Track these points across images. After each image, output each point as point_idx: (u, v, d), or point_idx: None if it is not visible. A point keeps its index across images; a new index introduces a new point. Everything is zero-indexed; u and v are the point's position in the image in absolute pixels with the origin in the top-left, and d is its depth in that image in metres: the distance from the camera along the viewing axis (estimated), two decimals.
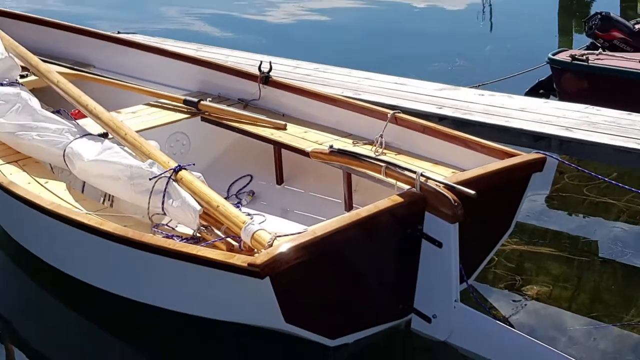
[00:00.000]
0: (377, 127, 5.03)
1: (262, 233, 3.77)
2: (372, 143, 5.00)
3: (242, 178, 5.46)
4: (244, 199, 5.35)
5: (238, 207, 4.53)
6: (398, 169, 4.10)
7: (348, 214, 3.91)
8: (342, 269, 3.81)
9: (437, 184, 3.90)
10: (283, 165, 5.45)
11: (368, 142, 5.04)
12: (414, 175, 3.95)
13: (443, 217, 3.85)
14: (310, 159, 4.86)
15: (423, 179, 3.92)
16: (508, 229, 4.50)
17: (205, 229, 4.12)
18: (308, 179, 5.35)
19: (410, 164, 4.36)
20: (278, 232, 3.82)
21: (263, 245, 3.69)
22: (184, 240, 4.01)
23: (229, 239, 3.97)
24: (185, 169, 4.33)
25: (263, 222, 4.23)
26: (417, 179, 3.93)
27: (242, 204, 5.21)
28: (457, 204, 3.81)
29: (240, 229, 3.88)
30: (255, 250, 3.71)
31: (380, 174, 4.19)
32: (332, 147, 4.57)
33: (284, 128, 5.33)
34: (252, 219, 3.95)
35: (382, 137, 4.97)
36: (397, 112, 5.08)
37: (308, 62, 7.39)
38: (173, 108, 5.71)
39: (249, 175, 5.48)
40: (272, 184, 5.49)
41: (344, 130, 5.25)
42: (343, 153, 4.50)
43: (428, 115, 5.68)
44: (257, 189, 5.45)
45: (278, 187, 5.48)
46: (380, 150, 4.88)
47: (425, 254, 3.97)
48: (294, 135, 5.24)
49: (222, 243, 3.97)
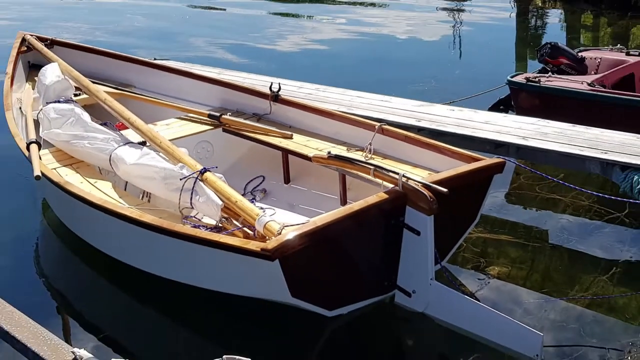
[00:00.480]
0: (366, 136, 5.03)
1: (272, 223, 3.78)
2: (362, 150, 5.00)
3: (255, 178, 5.46)
4: (258, 196, 5.35)
5: (253, 202, 4.54)
6: (384, 171, 4.11)
7: (343, 208, 3.92)
8: (338, 253, 3.82)
9: (416, 184, 3.91)
10: (290, 168, 5.45)
11: (359, 148, 5.03)
12: (397, 176, 3.96)
13: (421, 210, 3.86)
14: (312, 163, 4.86)
15: (404, 179, 3.93)
16: (474, 220, 4.50)
17: (226, 220, 4.12)
18: (310, 179, 5.35)
19: (394, 167, 4.37)
20: (286, 222, 3.82)
21: (273, 234, 3.69)
22: (209, 230, 4.01)
23: (246, 229, 3.97)
24: (210, 171, 4.33)
25: (273, 214, 4.22)
26: (399, 179, 3.94)
27: (256, 200, 5.21)
28: (432, 200, 3.82)
29: (255, 220, 3.88)
30: (267, 238, 3.70)
31: (370, 175, 4.19)
32: (330, 153, 4.58)
33: (291, 137, 5.33)
34: (264, 212, 3.95)
35: (371, 144, 4.97)
36: (383, 124, 5.09)
37: (310, 83, 7.39)
38: (199, 121, 5.71)
39: (262, 176, 5.48)
40: (280, 183, 5.48)
41: (340, 139, 5.25)
42: (339, 158, 4.50)
43: (408, 127, 5.67)
44: (268, 187, 5.45)
45: (285, 185, 5.48)
46: (370, 156, 4.88)
47: (406, 241, 3.97)
48: (299, 143, 5.24)
49: (239, 232, 3.97)
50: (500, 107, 7.71)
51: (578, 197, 5.57)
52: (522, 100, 7.21)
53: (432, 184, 3.90)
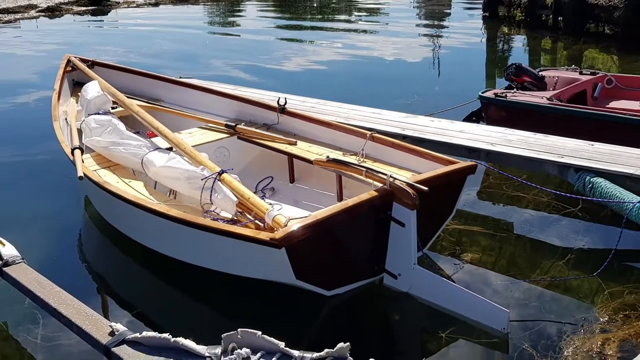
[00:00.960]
0: (359, 143, 5.02)
1: (279, 217, 3.78)
2: (356, 154, 4.99)
3: (265, 179, 5.46)
4: (267, 193, 5.35)
5: (263, 198, 4.54)
6: (374, 172, 4.11)
7: (339, 204, 3.91)
8: (335, 242, 3.82)
9: (401, 183, 3.91)
10: (294, 170, 5.45)
11: (353, 153, 5.03)
12: (385, 177, 3.96)
13: (405, 205, 3.86)
14: (313, 166, 4.87)
15: (392, 179, 3.93)
16: (451, 214, 4.50)
17: (240, 214, 4.12)
18: (312, 179, 5.35)
19: (383, 169, 4.36)
20: (291, 216, 3.83)
21: (280, 225, 3.69)
22: (226, 222, 4.02)
23: (257, 221, 3.97)
24: (226, 173, 4.33)
25: (280, 209, 4.23)
26: (387, 179, 3.94)
27: (265, 197, 5.21)
28: (415, 197, 3.82)
29: (264, 214, 3.88)
30: (275, 229, 3.70)
31: (362, 176, 4.20)
32: (328, 157, 4.58)
33: (295, 144, 5.33)
34: (272, 207, 3.96)
35: (363, 150, 4.97)
36: (373, 133, 5.09)
37: (312, 98, 7.39)
38: (217, 130, 5.70)
39: (270, 177, 5.47)
40: (286, 183, 5.48)
41: (337, 145, 5.24)
42: (336, 161, 4.51)
43: (395, 135, 5.66)
44: (276, 186, 5.44)
45: (291, 185, 5.47)
46: (362, 160, 4.87)
47: (393, 231, 3.97)
48: (302, 149, 5.23)
49: (252, 224, 3.97)
50: (473, 118, 7.71)
51: (539, 194, 5.57)
52: (491, 113, 7.21)
53: (415, 184, 3.90)
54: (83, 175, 4.60)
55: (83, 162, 4.85)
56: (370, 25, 17.65)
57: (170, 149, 4.99)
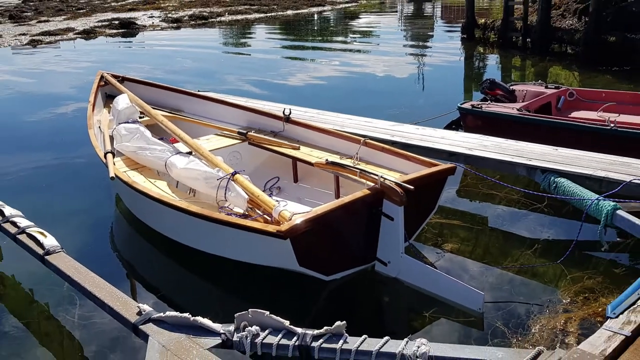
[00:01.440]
0: (354, 148, 5.02)
1: (285, 212, 3.78)
2: (351, 158, 4.98)
3: (272, 179, 5.45)
4: (274, 192, 5.34)
5: (270, 196, 4.54)
6: (367, 173, 4.11)
7: (337, 200, 3.91)
8: (333, 233, 3.81)
9: (390, 182, 3.91)
10: (298, 171, 5.44)
11: (349, 157, 5.02)
12: (377, 177, 3.96)
13: (394, 202, 3.86)
14: (314, 167, 4.86)
15: (382, 179, 3.92)
16: (434, 209, 4.49)
17: (251, 210, 4.12)
18: (313, 180, 5.34)
19: (375, 171, 4.35)
20: (295, 211, 3.82)
21: (286, 219, 3.69)
22: (238, 216, 4.02)
23: (265, 216, 3.97)
24: (239, 174, 4.33)
25: (285, 205, 4.21)
26: (378, 180, 3.93)
27: (272, 195, 5.20)
28: (402, 194, 3.82)
29: (272, 210, 3.88)
30: (281, 223, 3.70)
31: (356, 176, 4.19)
32: (327, 160, 4.57)
33: (298, 149, 5.32)
34: (278, 204, 3.95)
35: (357, 154, 4.96)
36: (366, 139, 5.08)
37: (313, 108, 7.39)
38: (231, 136, 5.70)
39: (277, 177, 5.47)
40: (291, 183, 5.48)
41: (335, 150, 5.23)
42: (334, 164, 4.50)
43: (385, 141, 5.66)
44: (282, 186, 5.44)
45: (294, 184, 5.47)
46: (357, 162, 4.85)
47: (383, 224, 3.97)
48: (305, 153, 5.23)
49: (261, 218, 3.97)
50: (453, 126, 7.72)
51: (510, 192, 5.57)
52: (468, 121, 7.21)
53: (402, 183, 3.90)
54: (114, 176, 4.61)
55: (114, 164, 4.85)
56: (364, 46, 17.64)
57: (190, 153, 4.99)
